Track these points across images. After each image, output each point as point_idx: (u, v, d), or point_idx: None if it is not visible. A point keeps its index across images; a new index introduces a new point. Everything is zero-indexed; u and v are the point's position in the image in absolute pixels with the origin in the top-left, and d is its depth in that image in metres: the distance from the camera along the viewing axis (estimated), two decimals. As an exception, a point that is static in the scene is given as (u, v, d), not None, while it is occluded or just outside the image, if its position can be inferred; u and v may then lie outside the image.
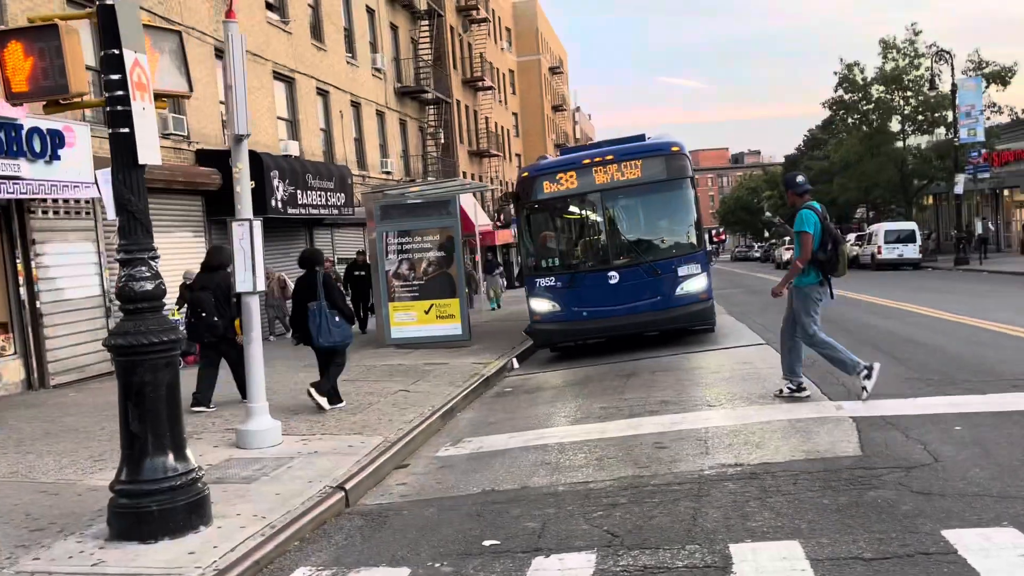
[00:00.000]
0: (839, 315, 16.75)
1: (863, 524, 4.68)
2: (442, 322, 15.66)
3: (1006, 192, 45.71)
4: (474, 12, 44.53)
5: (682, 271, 13.26)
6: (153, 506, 5.37)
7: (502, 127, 53.10)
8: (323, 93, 24.71)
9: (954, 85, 38.34)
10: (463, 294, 15.80)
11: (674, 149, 13.69)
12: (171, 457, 5.57)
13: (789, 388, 8.33)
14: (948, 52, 39.56)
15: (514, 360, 14.09)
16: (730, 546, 4.57)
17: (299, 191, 19.11)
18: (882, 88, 45.30)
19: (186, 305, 11.03)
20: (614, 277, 13.32)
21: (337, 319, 9.53)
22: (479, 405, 10.56)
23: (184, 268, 16.45)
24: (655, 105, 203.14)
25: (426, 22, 35.46)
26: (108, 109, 5.52)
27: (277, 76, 21.76)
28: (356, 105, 27.45)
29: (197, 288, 10.29)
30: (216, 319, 10.03)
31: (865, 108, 46.63)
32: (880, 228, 40.30)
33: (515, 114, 62.91)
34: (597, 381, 11.05)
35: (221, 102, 19.07)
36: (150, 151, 5.60)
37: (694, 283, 13.26)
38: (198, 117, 17.79)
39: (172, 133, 16.67)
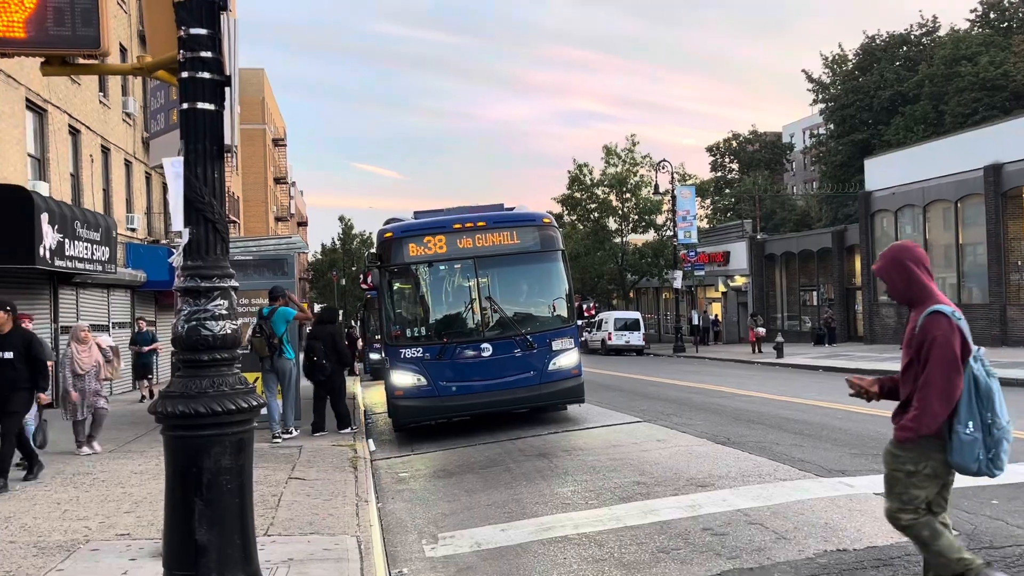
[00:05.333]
0: (678, 396, 17.27)
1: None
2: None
3: (699, 289, 51.74)
4: (216, 70, 41.78)
5: (556, 345, 12.77)
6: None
7: (235, 194, 49.88)
8: (75, 132, 21.22)
9: (673, 194, 42.88)
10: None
11: (545, 220, 13.41)
12: (244, 578, 3.84)
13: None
14: (667, 162, 44.28)
15: (370, 442, 12.55)
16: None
17: (67, 240, 15.88)
18: (607, 189, 49.49)
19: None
20: (487, 350, 12.47)
21: (324, 362, 12.74)
22: (394, 494, 9.07)
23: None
24: (356, 191, 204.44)
25: (174, 72, 32.48)
26: (186, 75, 3.87)
27: (29, 105, 18.27)
28: (106, 151, 23.97)
29: (311, 337, 13.02)
30: (325, 362, 12.59)
31: (591, 207, 50.53)
32: (610, 316, 43.22)
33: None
34: (511, 463, 10.05)
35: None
36: (234, 134, 4.01)
37: (567, 358, 12.81)
38: (-57, 139, 14.23)
39: (-88, 154, 13.10)
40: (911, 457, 4.12)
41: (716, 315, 48.52)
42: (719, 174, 72.85)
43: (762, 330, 34.66)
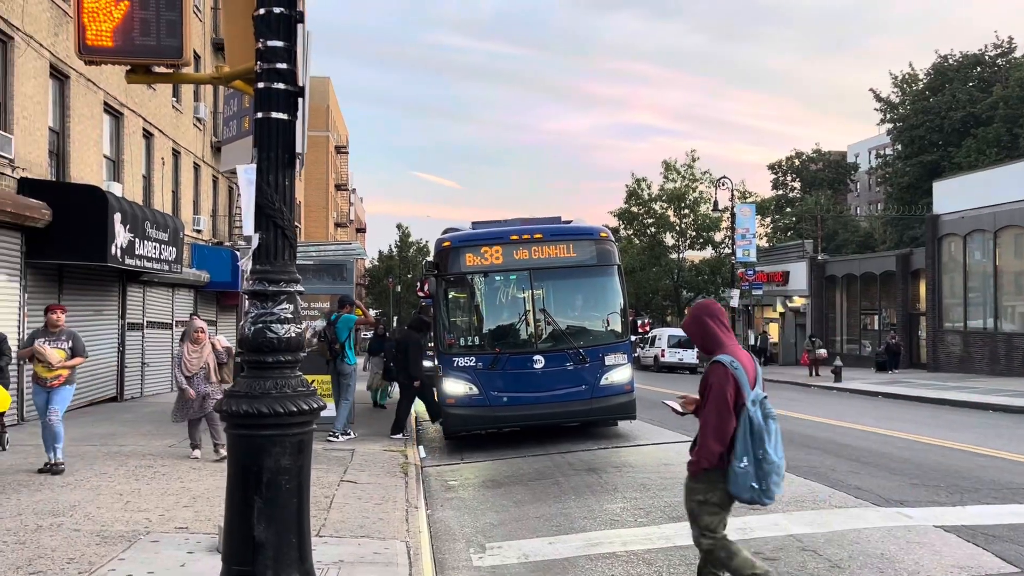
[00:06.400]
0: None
1: None
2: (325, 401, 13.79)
3: (756, 309, 50.92)
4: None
5: (608, 360, 12.73)
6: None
7: (297, 199, 50.89)
8: (148, 135, 21.94)
9: (732, 212, 42.36)
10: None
11: (602, 234, 13.41)
12: (298, 577, 3.93)
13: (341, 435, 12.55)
14: (727, 178, 43.80)
15: (421, 448, 12.67)
16: None
17: (137, 240, 16.41)
18: (665, 204, 49.17)
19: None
20: (539, 362, 12.50)
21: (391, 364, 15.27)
22: (443, 502, 9.14)
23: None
24: (413, 199, 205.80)
25: (244, 78, 33.31)
26: (262, 86, 4.00)
27: (107, 108, 18.95)
28: (177, 154, 24.71)
29: (394, 339, 15.31)
30: (391, 364, 14.64)
31: (648, 221, 50.26)
32: (663, 332, 42.81)
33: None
34: (560, 476, 10.04)
35: (52, 129, 16.19)
36: (304, 143, 4.13)
37: (619, 373, 12.76)
38: (26, 140, 14.83)
39: (-3, 154, 13.68)
40: (701, 488, 4.69)
41: (766, 332, 47.68)
42: (780, 192, 71.71)
43: (823, 351, 33.89)
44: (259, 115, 4.01)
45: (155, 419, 14.39)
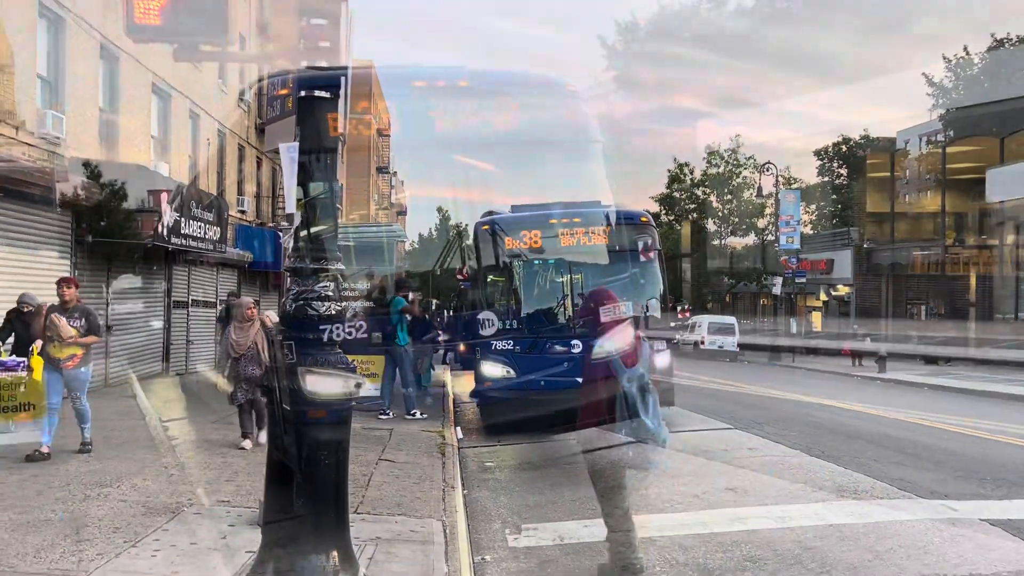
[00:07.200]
0: (772, 405, 16.84)
1: None
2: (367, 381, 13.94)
3: (799, 297, 50.19)
4: (328, 60, 43.01)
5: (647, 346, 12.62)
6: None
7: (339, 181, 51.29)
8: (194, 116, 22.23)
9: (777, 198, 41.76)
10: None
11: (643, 219, 13.28)
12: (335, 555, 3.98)
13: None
14: (771, 164, 43.18)
15: (458, 429, 12.74)
16: None
17: (184, 219, 16.70)
18: (707, 190, 48.67)
19: None
20: (577, 346, 12.44)
21: None
22: (479, 482, 9.20)
23: (45, 293, 13.65)
24: (454, 182, 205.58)
25: (288, 61, 33.56)
26: (305, 64, 4.02)
27: (155, 90, 19.23)
28: (222, 135, 25.01)
29: None
30: None
31: (689, 207, 49.80)
32: (703, 319, 42.42)
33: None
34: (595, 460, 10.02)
35: (101, 109, 16.48)
36: (346, 122, 4.15)
37: (658, 359, 12.66)
38: (77, 120, 15.12)
39: (50, 134, 13.95)
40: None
41: (809, 321, 47.03)
42: (826, 179, 70.43)
43: (867, 340, 33.35)
44: (302, 93, 4.03)
45: (199, 395, 14.66)
